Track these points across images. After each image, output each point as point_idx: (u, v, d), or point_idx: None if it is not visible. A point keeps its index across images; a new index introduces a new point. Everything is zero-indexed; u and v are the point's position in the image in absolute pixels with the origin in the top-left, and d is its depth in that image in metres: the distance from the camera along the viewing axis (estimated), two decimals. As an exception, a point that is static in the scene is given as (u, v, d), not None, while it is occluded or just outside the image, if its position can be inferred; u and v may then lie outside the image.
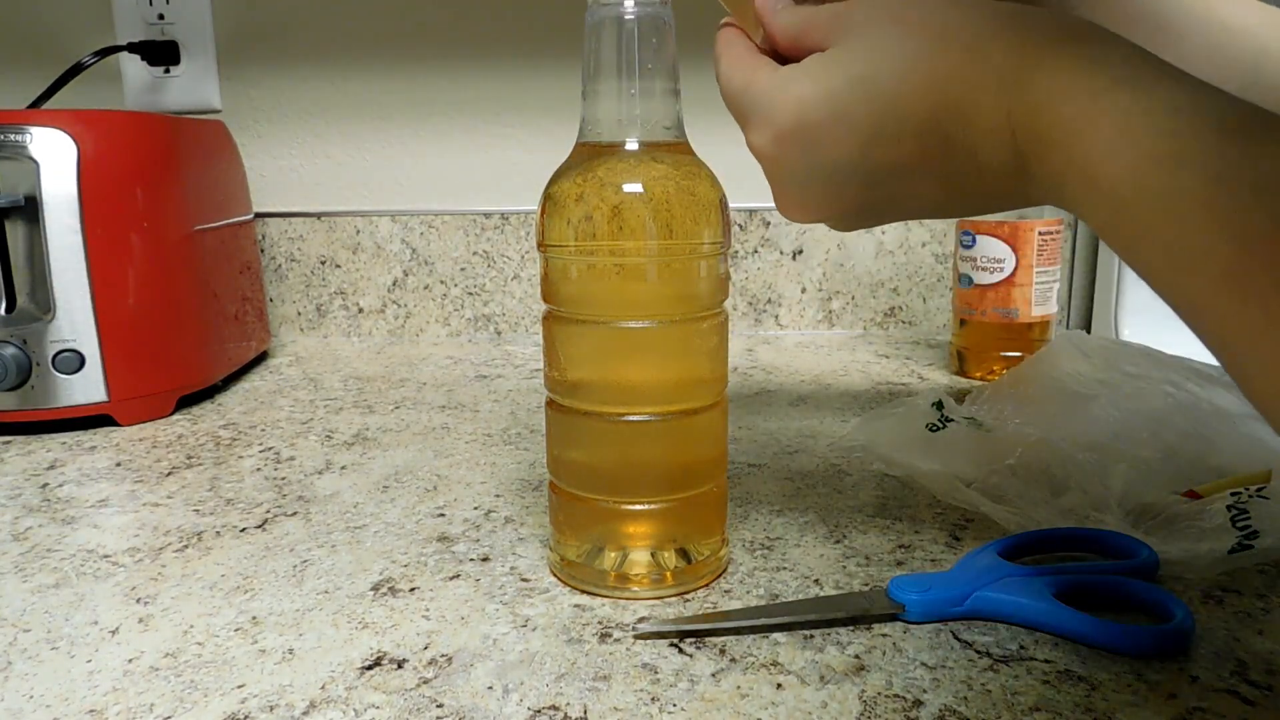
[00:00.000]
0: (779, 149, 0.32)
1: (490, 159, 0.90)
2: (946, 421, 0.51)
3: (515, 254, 0.90)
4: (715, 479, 0.39)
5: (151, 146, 0.66)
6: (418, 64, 0.88)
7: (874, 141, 0.30)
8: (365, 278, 0.91)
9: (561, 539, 0.39)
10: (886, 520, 0.45)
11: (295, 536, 0.44)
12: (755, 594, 0.38)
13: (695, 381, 0.38)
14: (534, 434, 0.60)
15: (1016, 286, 0.69)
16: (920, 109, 0.29)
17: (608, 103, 0.36)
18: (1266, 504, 0.40)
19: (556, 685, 0.32)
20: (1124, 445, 0.46)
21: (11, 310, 0.61)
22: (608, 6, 0.35)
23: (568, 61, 0.88)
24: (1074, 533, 0.41)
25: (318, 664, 0.33)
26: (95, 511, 0.48)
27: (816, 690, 0.31)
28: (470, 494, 0.50)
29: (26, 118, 0.60)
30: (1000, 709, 0.30)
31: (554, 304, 0.38)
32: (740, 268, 0.90)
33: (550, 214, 0.36)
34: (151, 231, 0.65)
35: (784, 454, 0.55)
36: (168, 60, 0.87)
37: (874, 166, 0.31)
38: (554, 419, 0.39)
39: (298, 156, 0.91)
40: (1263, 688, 0.31)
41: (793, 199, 0.34)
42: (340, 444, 0.59)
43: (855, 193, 0.33)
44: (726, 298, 0.38)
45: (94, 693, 0.32)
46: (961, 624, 0.35)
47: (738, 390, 0.70)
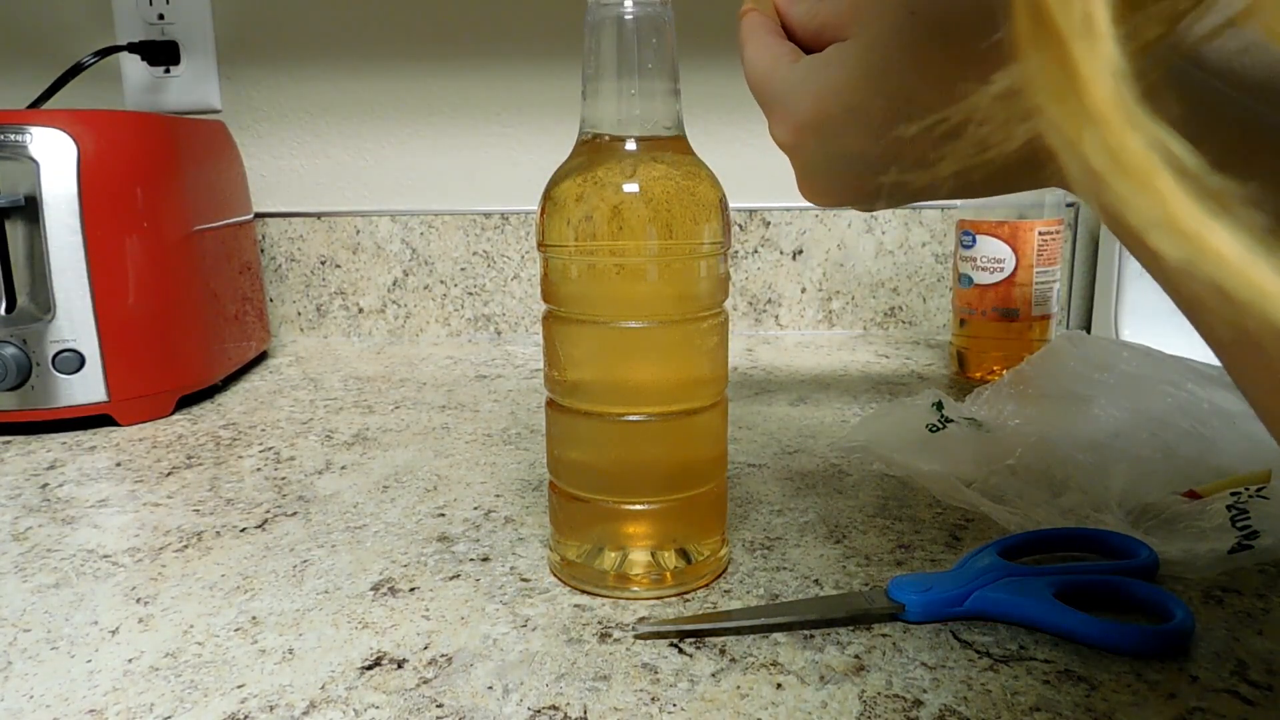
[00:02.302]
0: (798, 140, 0.33)
1: (490, 159, 0.90)
2: (946, 422, 0.51)
3: (515, 254, 0.90)
4: (715, 479, 0.39)
5: (151, 146, 0.66)
6: (418, 64, 0.88)
7: (887, 134, 0.30)
8: (365, 278, 0.91)
9: (561, 539, 0.39)
10: (886, 520, 0.45)
11: (295, 536, 0.44)
12: (755, 594, 0.38)
13: (695, 381, 0.38)
14: (534, 434, 0.60)
15: (1016, 286, 0.69)
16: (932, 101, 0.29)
17: (608, 102, 0.36)
18: (1266, 504, 0.40)
19: (556, 685, 0.32)
20: (1124, 445, 0.46)
21: (11, 310, 0.61)
22: (608, 6, 0.35)
23: (568, 61, 0.88)
24: (1074, 533, 0.41)
25: (318, 664, 0.33)
26: (95, 511, 0.48)
27: (816, 690, 0.31)
28: (470, 494, 0.50)
29: (26, 118, 0.60)
30: (1000, 709, 0.30)
31: (554, 304, 0.38)
32: (740, 268, 0.90)
33: (550, 214, 0.36)
34: (151, 231, 0.65)
35: (784, 454, 0.55)
36: (168, 60, 0.87)
37: (890, 157, 0.31)
38: (554, 419, 0.39)
39: (298, 156, 0.91)
40: (1263, 688, 0.31)
41: (815, 186, 0.35)
42: (340, 444, 0.59)
43: (874, 180, 0.33)
44: (726, 298, 0.38)
45: (94, 693, 0.32)
46: (961, 624, 0.35)
47: (738, 390, 0.70)
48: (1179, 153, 0.12)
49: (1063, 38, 0.12)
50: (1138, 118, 0.12)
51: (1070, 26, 0.12)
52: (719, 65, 0.85)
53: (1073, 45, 0.12)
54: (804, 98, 0.32)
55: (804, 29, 0.34)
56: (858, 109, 0.31)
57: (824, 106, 0.31)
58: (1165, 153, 0.12)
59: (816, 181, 0.35)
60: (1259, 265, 0.12)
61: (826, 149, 0.33)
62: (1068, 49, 0.12)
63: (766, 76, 0.34)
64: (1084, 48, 0.12)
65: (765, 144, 1.01)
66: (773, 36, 0.35)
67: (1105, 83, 0.12)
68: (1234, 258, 0.12)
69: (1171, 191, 0.12)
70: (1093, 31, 0.12)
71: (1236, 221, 0.12)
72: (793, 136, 0.33)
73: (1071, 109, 0.13)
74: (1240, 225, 0.12)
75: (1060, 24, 0.12)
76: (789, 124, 0.33)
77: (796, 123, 0.33)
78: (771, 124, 0.34)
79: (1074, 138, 0.13)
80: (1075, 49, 0.12)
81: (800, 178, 0.36)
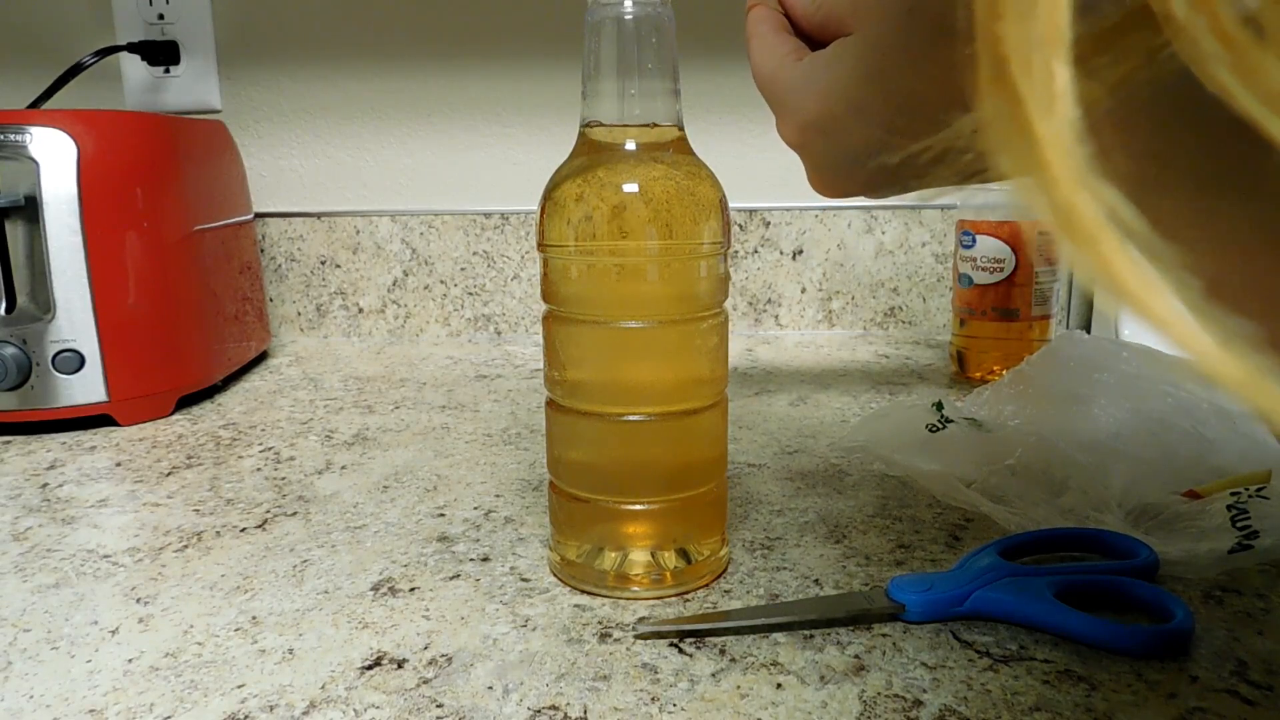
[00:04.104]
0: (804, 138, 0.33)
1: (490, 159, 0.90)
2: (946, 422, 0.51)
3: (515, 254, 0.90)
4: (715, 479, 0.39)
5: (151, 146, 0.66)
6: (418, 64, 0.88)
7: (891, 131, 0.31)
8: (365, 278, 0.91)
9: (561, 539, 0.39)
10: (886, 520, 0.45)
11: (295, 536, 0.44)
12: (755, 594, 0.38)
13: (695, 381, 0.38)
14: (534, 434, 0.60)
15: (1016, 286, 0.69)
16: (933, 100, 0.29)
17: (608, 103, 0.36)
18: (1266, 504, 0.40)
19: (556, 685, 0.32)
20: (1124, 445, 0.46)
21: (11, 310, 0.61)
22: (608, 6, 0.35)
23: (568, 61, 0.88)
24: (1074, 533, 0.41)
25: (318, 664, 0.33)
26: (95, 511, 0.48)
27: (816, 690, 0.31)
28: (470, 494, 0.50)
29: (26, 118, 0.60)
30: (1000, 709, 0.30)
31: (554, 304, 0.38)
32: (740, 268, 0.90)
33: (550, 214, 0.36)
34: (151, 231, 0.65)
35: (784, 454, 0.55)
36: (168, 60, 0.87)
37: (894, 152, 0.31)
38: (554, 419, 0.39)
39: (298, 156, 0.91)
40: (1263, 688, 0.31)
41: (823, 181, 0.36)
42: (340, 444, 0.59)
43: (880, 173, 0.33)
44: (726, 298, 0.38)
45: (94, 693, 0.32)
46: (961, 624, 0.35)
47: (738, 390, 0.70)
48: (1125, 215, 0.13)
49: (1019, 95, 0.13)
50: (1087, 178, 0.13)
51: (1028, 85, 0.12)
52: (719, 65, 0.85)
53: (1030, 103, 0.12)
54: (808, 96, 0.32)
55: (808, 22, 0.34)
56: (861, 106, 0.31)
57: (827, 105, 0.32)
58: (1112, 214, 0.13)
59: (824, 175, 0.35)
60: (1195, 329, 0.12)
61: (833, 146, 0.33)
62: (1024, 106, 0.13)
63: (771, 75, 0.34)
64: (1041, 106, 0.12)
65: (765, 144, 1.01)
66: (778, 33, 0.35)
67: (1059, 144, 0.12)
68: (1174, 320, 0.12)
69: (1115, 253, 0.13)
70: (1051, 91, 0.12)
71: (1177, 284, 0.12)
72: (799, 135, 0.33)
73: (1022, 164, 0.13)
74: (1179, 288, 0.12)
75: (1018, 80, 0.13)
76: (795, 123, 0.33)
77: (801, 122, 0.33)
78: (778, 122, 0.35)
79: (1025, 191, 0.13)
80: (1032, 107, 0.12)
81: (809, 173, 0.36)
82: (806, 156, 0.35)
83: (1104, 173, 0.13)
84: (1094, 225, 0.13)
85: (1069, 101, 0.13)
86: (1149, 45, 0.13)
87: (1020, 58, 0.13)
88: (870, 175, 0.34)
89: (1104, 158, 0.13)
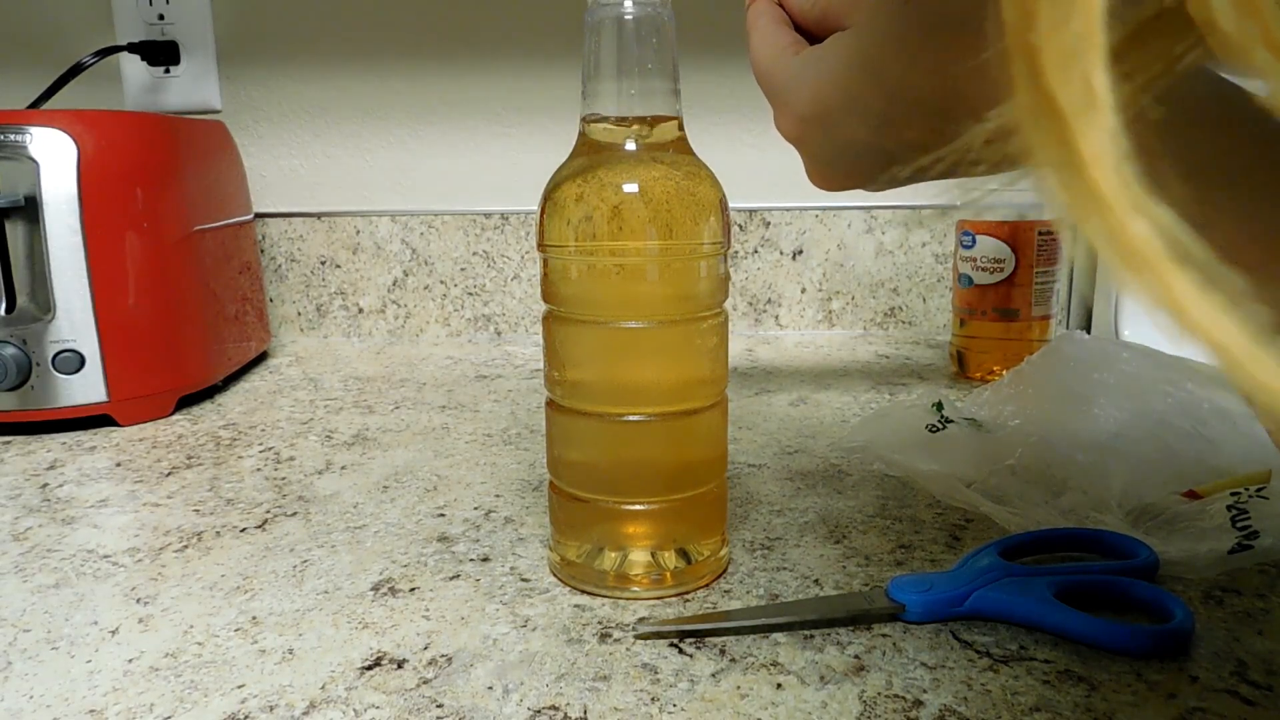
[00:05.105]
0: (801, 131, 0.33)
1: (490, 159, 0.90)
2: (946, 422, 0.51)
3: (515, 254, 0.90)
4: (715, 479, 0.39)
5: (151, 146, 0.66)
6: (418, 64, 0.88)
7: (886, 124, 0.31)
8: (365, 278, 0.91)
9: (561, 539, 0.39)
10: (886, 520, 0.45)
11: (295, 536, 0.44)
12: (755, 594, 0.38)
13: (695, 381, 0.38)
14: (534, 434, 0.60)
15: (1016, 286, 0.69)
16: (928, 93, 0.29)
17: (608, 103, 0.36)
18: (1266, 504, 0.40)
19: (556, 685, 0.32)
20: (1124, 445, 0.46)
21: (11, 310, 0.61)
22: (608, 6, 0.35)
23: (568, 61, 0.88)
24: (1074, 533, 0.41)
25: (318, 664, 0.33)
26: (95, 511, 0.48)
27: (816, 690, 0.31)
28: (470, 494, 0.50)
29: (26, 118, 0.60)
30: (1000, 709, 0.30)
31: (554, 304, 0.38)
32: (740, 268, 0.90)
33: (550, 214, 0.36)
34: (151, 231, 0.65)
35: (784, 454, 0.55)
36: (168, 60, 0.87)
37: (890, 146, 0.32)
38: (554, 419, 0.39)
39: (298, 156, 0.91)
40: (1263, 688, 0.31)
41: (820, 174, 0.36)
42: (340, 444, 0.59)
43: (876, 167, 0.33)
44: (726, 298, 0.38)
45: (94, 693, 0.32)
46: (961, 624, 0.35)
47: (738, 390, 0.70)
48: (1183, 240, 0.12)
49: (1063, 114, 0.12)
50: (1141, 201, 0.12)
51: (1070, 102, 0.12)
52: (719, 65, 0.85)
53: (1073, 122, 0.12)
54: (804, 90, 0.32)
55: (807, 17, 0.34)
56: (857, 100, 0.31)
57: (824, 98, 0.32)
58: (1169, 239, 0.12)
59: (821, 169, 0.35)
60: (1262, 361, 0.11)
61: (830, 139, 0.33)
62: (1068, 126, 0.12)
63: (769, 69, 0.34)
64: (1084, 123, 0.12)
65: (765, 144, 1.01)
66: (777, 26, 0.35)
67: (1107, 163, 0.12)
68: (1238, 351, 0.11)
69: (1176, 280, 0.12)
70: (1093, 102, 0.12)
71: (1241, 314, 0.11)
72: (796, 129, 0.33)
73: (1072, 191, 0.12)
74: (1245, 318, 0.11)
75: (1060, 99, 0.12)
76: (792, 116, 0.33)
77: (799, 115, 0.33)
78: (776, 116, 0.35)
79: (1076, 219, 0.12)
80: (1076, 125, 0.12)
81: (806, 166, 0.36)
82: (804, 149, 0.35)
83: (1156, 193, 0.12)
84: (1149, 250, 0.12)
85: (1109, 111, 0.12)
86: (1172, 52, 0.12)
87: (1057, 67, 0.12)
88: (869, 168, 0.34)
89: (1154, 176, 0.12)
